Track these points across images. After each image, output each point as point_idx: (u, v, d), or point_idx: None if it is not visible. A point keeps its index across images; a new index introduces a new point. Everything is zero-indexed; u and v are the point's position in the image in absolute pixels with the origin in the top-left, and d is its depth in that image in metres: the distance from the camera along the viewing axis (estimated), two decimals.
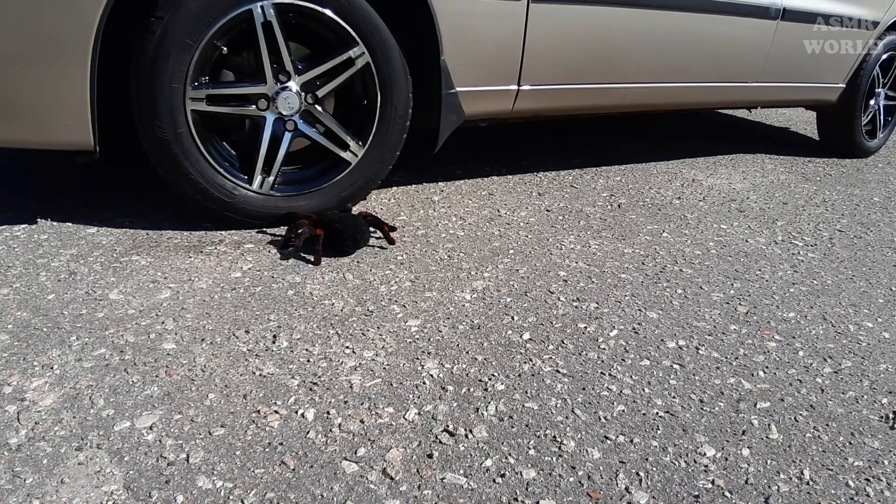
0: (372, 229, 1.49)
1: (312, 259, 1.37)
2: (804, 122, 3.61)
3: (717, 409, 0.99)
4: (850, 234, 1.83)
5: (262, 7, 1.33)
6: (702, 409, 0.99)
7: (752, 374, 1.09)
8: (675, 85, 2.07)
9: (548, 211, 1.82)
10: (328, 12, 1.40)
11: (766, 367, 1.12)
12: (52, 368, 0.96)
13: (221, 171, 1.42)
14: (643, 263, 1.50)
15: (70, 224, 1.48)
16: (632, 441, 0.90)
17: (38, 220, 1.49)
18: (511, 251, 1.52)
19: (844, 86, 2.63)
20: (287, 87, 1.43)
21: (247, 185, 1.46)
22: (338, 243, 1.41)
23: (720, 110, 3.59)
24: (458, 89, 1.61)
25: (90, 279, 1.24)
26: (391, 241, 1.48)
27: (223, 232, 1.49)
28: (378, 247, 1.48)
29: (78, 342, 1.03)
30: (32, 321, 1.08)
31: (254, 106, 1.43)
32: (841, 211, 2.05)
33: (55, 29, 1.21)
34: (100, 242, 1.40)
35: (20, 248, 1.35)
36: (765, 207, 2.01)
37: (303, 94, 1.46)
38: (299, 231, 1.38)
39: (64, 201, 1.62)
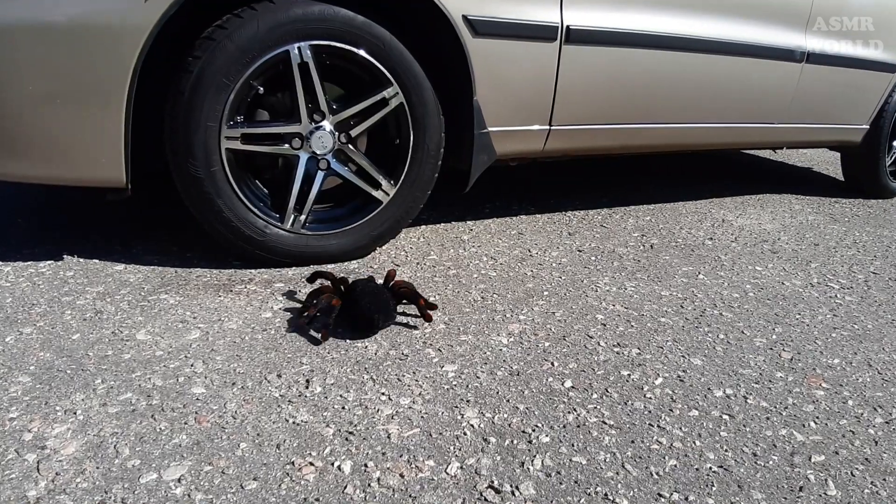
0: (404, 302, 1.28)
1: (320, 336, 1.17)
2: (826, 163, 3.58)
3: (771, 463, 0.93)
4: (885, 277, 1.78)
5: (298, 48, 1.34)
6: (756, 463, 0.93)
7: (804, 425, 1.03)
8: (703, 125, 2.07)
9: (580, 251, 1.79)
10: (363, 53, 1.40)
11: (817, 418, 1.06)
12: (75, 414, 0.92)
13: (254, 209, 1.41)
14: (682, 307, 1.46)
15: (97, 261, 1.46)
16: (687, 499, 0.85)
17: (65, 256, 1.48)
18: (545, 293, 1.48)
19: (868, 127, 2.62)
20: (321, 126, 1.43)
21: (278, 224, 1.44)
22: (354, 319, 1.21)
23: (745, 150, 3.59)
24: (490, 129, 1.60)
25: (117, 318, 1.21)
26: (428, 319, 1.27)
27: (253, 270, 1.47)
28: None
29: (103, 385, 0.99)
30: (56, 362, 1.05)
31: (287, 145, 1.43)
32: (873, 252, 2.00)
33: (93, 71, 1.22)
34: (127, 280, 1.38)
35: (45, 286, 1.33)
36: (797, 249, 1.96)
37: (336, 133, 1.45)
38: (314, 301, 1.21)
39: (91, 237, 1.60)
